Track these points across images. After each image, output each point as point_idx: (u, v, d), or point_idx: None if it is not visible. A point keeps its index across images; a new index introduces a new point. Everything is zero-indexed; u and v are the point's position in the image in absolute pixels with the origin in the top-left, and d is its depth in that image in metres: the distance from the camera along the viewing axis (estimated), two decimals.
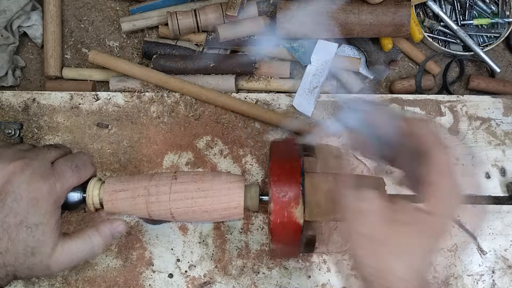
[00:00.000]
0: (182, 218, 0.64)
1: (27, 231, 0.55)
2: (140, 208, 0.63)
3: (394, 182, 0.60)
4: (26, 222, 0.55)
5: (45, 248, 0.57)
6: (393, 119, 0.52)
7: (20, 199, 0.55)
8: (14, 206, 0.55)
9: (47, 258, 0.57)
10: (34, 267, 0.56)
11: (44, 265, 0.57)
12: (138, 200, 0.63)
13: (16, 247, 0.55)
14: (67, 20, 0.87)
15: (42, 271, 0.58)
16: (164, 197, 0.62)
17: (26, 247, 0.55)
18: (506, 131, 0.77)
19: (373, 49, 0.83)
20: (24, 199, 0.55)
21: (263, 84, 0.80)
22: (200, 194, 0.62)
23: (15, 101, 0.79)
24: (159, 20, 0.83)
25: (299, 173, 0.60)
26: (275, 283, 0.72)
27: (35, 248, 0.56)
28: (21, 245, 0.55)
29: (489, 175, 0.76)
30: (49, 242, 0.57)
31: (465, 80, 0.85)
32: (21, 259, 0.56)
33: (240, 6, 0.75)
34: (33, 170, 0.57)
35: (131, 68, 0.78)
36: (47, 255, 0.57)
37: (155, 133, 0.78)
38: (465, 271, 0.73)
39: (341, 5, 0.76)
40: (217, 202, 0.62)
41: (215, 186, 0.63)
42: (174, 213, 0.62)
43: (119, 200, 0.63)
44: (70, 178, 0.60)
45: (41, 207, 0.56)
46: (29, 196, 0.56)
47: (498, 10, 0.86)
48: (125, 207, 0.63)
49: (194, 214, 0.63)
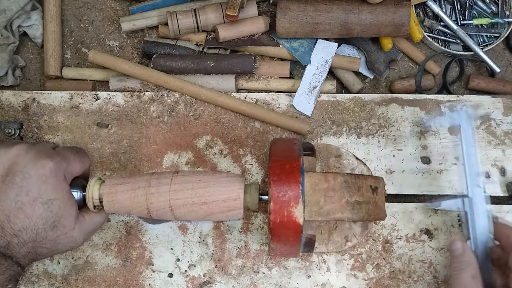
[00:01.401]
0: (181, 212, 0.64)
1: (44, 207, 0.57)
2: (139, 201, 0.63)
3: None
4: (41, 198, 0.57)
5: (67, 220, 0.58)
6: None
7: (29, 177, 0.57)
8: (24, 184, 0.56)
9: (71, 230, 0.59)
10: (58, 240, 0.58)
11: (69, 237, 0.59)
12: (138, 192, 0.63)
13: (35, 223, 0.56)
14: (67, 20, 0.87)
15: (69, 243, 0.60)
16: (164, 188, 0.63)
17: (45, 221, 0.57)
18: (506, 131, 0.77)
19: (373, 49, 0.83)
20: (33, 177, 0.57)
21: (263, 84, 0.81)
22: (201, 185, 0.63)
23: (15, 101, 0.79)
24: (159, 20, 0.83)
25: (299, 172, 0.60)
26: (275, 283, 0.72)
27: (56, 222, 0.58)
28: (40, 221, 0.57)
29: (489, 175, 0.76)
30: (68, 215, 0.59)
31: (465, 80, 0.85)
32: (42, 233, 0.57)
33: (240, 6, 0.75)
34: (37, 150, 0.59)
35: (131, 68, 0.78)
36: (71, 227, 0.59)
37: (155, 133, 0.78)
38: None
39: (341, 5, 0.76)
40: (217, 192, 0.63)
41: (216, 178, 0.64)
42: (173, 205, 0.63)
43: (119, 193, 0.64)
44: (73, 162, 0.62)
45: (51, 183, 0.58)
46: (37, 173, 0.57)
47: (498, 10, 0.86)
48: (124, 201, 0.64)
49: (193, 206, 0.63)
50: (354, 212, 0.62)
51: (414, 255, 0.73)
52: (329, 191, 0.61)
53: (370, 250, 0.73)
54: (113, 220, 0.74)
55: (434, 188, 0.75)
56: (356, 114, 0.78)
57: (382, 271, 0.73)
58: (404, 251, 0.73)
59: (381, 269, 0.73)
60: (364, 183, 0.63)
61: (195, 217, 0.65)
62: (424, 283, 0.72)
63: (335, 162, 0.75)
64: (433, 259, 0.73)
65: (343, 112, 0.78)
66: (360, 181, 0.63)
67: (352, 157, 0.75)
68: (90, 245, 0.74)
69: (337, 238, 0.71)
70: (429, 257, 0.73)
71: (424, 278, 0.72)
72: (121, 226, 0.74)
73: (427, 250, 0.73)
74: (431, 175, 0.76)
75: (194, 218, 0.66)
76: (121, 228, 0.74)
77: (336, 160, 0.75)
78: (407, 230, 0.74)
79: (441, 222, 0.74)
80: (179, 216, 0.65)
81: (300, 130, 0.76)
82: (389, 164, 0.76)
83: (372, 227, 0.74)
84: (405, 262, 0.73)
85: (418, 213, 0.74)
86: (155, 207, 0.64)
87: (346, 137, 0.77)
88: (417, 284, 0.72)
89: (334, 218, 0.61)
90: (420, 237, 0.74)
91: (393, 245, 0.73)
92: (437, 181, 0.75)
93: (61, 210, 0.58)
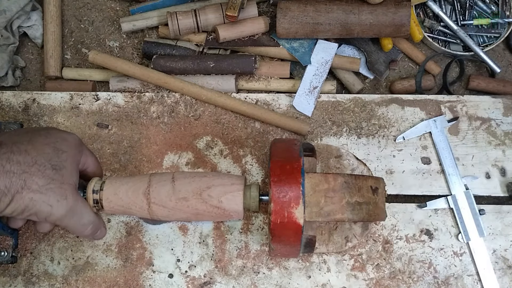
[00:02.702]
0: (182, 199, 0.64)
1: (52, 149, 0.62)
2: (139, 201, 0.64)
3: None
4: (53, 144, 0.63)
5: (66, 173, 0.62)
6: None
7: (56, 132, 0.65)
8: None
9: (65, 185, 0.61)
10: (50, 184, 0.60)
11: (60, 191, 0.61)
12: (138, 192, 0.64)
13: (38, 154, 0.61)
14: (67, 20, 0.87)
15: (54, 197, 0.60)
16: (164, 188, 0.64)
17: (49, 159, 0.61)
18: (506, 131, 0.77)
19: (373, 49, 0.83)
20: (59, 133, 0.65)
21: (263, 84, 0.80)
22: (201, 186, 0.64)
23: (15, 101, 0.79)
24: (159, 20, 0.83)
25: (299, 173, 0.60)
26: (275, 283, 0.72)
27: (57, 166, 0.61)
28: (44, 156, 0.61)
29: (489, 175, 0.76)
30: (69, 172, 0.62)
31: (465, 80, 0.85)
32: (41, 166, 0.60)
33: (240, 6, 0.75)
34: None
35: (131, 68, 0.78)
36: (67, 181, 0.62)
37: (155, 133, 0.78)
38: (465, 271, 0.73)
39: (341, 5, 0.76)
40: (217, 180, 0.64)
41: (216, 179, 0.65)
42: (173, 205, 0.64)
43: (119, 193, 0.64)
44: (93, 156, 0.70)
45: (70, 142, 0.65)
46: (63, 135, 0.66)
47: (498, 10, 0.86)
48: (124, 201, 0.64)
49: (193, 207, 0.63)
50: (354, 213, 0.62)
51: (414, 255, 0.73)
52: (330, 191, 0.61)
53: (370, 251, 0.73)
54: (113, 221, 0.74)
55: (434, 188, 0.75)
56: (356, 115, 0.78)
57: (382, 271, 0.73)
58: (404, 252, 0.73)
59: (381, 269, 0.73)
60: (364, 184, 0.63)
61: (195, 217, 0.66)
62: (424, 283, 0.72)
63: (335, 163, 0.75)
64: (433, 259, 0.73)
65: (343, 113, 0.78)
66: (360, 182, 0.63)
67: (352, 158, 0.75)
68: (90, 245, 0.74)
69: (337, 238, 0.71)
70: (429, 257, 0.73)
71: (424, 278, 0.73)
72: (121, 226, 0.74)
73: (427, 250, 0.73)
74: (431, 175, 0.76)
75: (194, 218, 0.67)
76: (121, 228, 0.74)
77: (336, 161, 0.75)
78: (407, 231, 0.74)
79: (441, 222, 0.74)
80: (179, 216, 0.65)
81: (300, 130, 0.76)
82: (389, 165, 0.76)
83: (372, 228, 0.74)
84: (405, 262, 0.73)
85: (418, 213, 0.74)
86: (155, 208, 0.64)
87: (346, 138, 0.77)
88: (417, 284, 0.72)
89: (335, 218, 0.61)
90: (420, 237, 0.74)
91: (393, 245, 0.73)
92: (437, 181, 0.75)
93: (66, 163, 0.62)
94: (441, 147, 0.76)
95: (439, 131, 0.76)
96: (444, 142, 0.76)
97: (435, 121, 0.77)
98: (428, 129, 0.77)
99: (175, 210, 0.64)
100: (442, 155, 0.75)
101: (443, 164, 0.75)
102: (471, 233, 0.73)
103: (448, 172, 0.75)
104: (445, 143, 0.76)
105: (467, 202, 0.73)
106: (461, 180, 0.74)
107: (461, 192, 0.74)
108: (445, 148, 0.75)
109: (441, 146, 0.76)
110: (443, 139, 0.76)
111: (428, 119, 0.77)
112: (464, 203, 0.73)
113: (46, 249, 0.74)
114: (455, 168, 0.75)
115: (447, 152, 0.75)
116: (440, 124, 0.76)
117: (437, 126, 0.76)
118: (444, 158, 0.75)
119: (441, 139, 0.76)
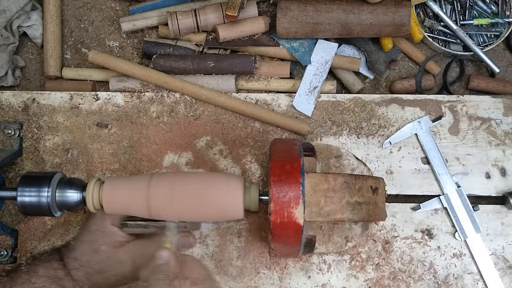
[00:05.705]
0: (181, 199, 0.63)
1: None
2: (139, 201, 0.64)
3: None
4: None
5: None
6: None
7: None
8: None
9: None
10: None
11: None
12: (138, 192, 0.64)
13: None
14: (67, 20, 0.87)
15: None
16: (164, 188, 0.64)
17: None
18: (506, 131, 0.77)
19: (373, 49, 0.83)
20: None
21: (263, 84, 0.80)
22: (201, 186, 0.64)
23: (15, 101, 0.79)
24: (159, 20, 0.83)
25: (299, 173, 0.60)
26: (275, 283, 0.72)
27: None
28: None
29: (489, 175, 0.76)
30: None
31: (465, 80, 0.85)
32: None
33: (240, 6, 0.75)
34: None
35: (131, 68, 0.78)
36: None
37: (155, 133, 0.78)
38: (465, 271, 0.73)
39: (341, 5, 0.76)
40: (217, 180, 0.65)
41: (215, 179, 0.65)
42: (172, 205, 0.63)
43: (119, 193, 0.64)
44: None
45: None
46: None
47: (498, 10, 0.86)
48: (124, 201, 0.64)
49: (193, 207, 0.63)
50: (354, 213, 0.62)
51: (414, 255, 0.73)
52: (330, 191, 0.61)
53: (370, 251, 0.73)
54: None
55: (434, 188, 0.75)
56: (356, 115, 0.78)
57: (382, 271, 0.73)
58: (404, 251, 0.73)
59: (381, 269, 0.73)
60: (364, 184, 0.63)
61: (195, 217, 0.65)
62: (424, 283, 0.72)
63: (335, 163, 0.75)
64: (433, 259, 0.73)
65: (343, 113, 0.78)
66: (360, 182, 0.63)
67: (352, 158, 0.75)
68: None
69: (337, 238, 0.71)
70: (429, 257, 0.73)
71: (424, 278, 0.73)
72: None
73: (427, 250, 0.73)
74: (431, 175, 0.76)
75: (194, 218, 0.66)
76: None
77: (336, 161, 0.75)
78: (407, 231, 0.74)
79: (441, 222, 0.74)
80: (179, 216, 0.65)
81: (300, 130, 0.76)
82: (389, 165, 0.76)
83: (372, 228, 0.74)
84: (405, 262, 0.73)
85: (418, 213, 0.74)
86: (155, 208, 0.64)
87: (346, 138, 0.77)
88: (417, 284, 0.72)
89: (335, 218, 0.61)
90: (420, 237, 0.74)
91: (393, 245, 0.73)
92: (437, 181, 0.75)
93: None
94: (429, 147, 0.76)
95: (425, 132, 0.76)
96: (431, 142, 0.76)
97: (420, 122, 0.77)
98: (414, 131, 0.76)
99: (175, 210, 0.64)
100: (430, 155, 0.75)
101: (432, 164, 0.75)
102: (467, 230, 0.73)
103: (438, 172, 0.75)
104: (432, 143, 0.75)
105: (460, 200, 0.74)
106: (451, 179, 0.74)
107: (453, 190, 0.74)
108: (433, 148, 0.75)
109: (428, 146, 0.76)
110: (430, 140, 0.76)
111: (413, 121, 0.77)
112: (457, 201, 0.74)
113: (46, 249, 0.73)
114: (444, 168, 0.75)
115: (434, 152, 0.75)
116: (425, 125, 0.76)
117: (422, 127, 0.76)
118: (432, 158, 0.75)
119: (427, 140, 0.76)
